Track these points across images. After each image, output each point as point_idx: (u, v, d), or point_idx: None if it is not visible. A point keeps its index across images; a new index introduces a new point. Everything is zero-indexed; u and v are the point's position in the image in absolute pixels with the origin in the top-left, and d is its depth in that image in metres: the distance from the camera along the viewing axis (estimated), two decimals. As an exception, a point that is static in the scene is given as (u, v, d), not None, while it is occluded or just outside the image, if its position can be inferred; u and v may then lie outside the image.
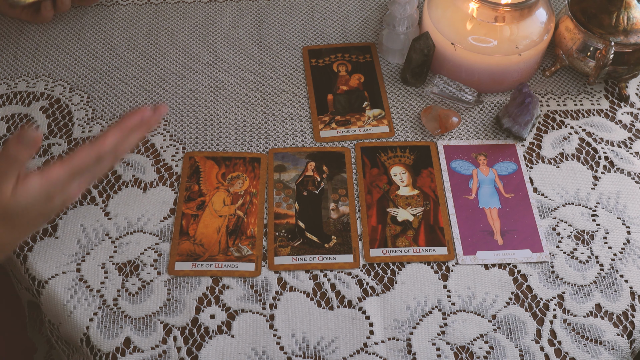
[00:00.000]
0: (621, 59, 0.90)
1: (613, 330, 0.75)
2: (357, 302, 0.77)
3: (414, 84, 0.95)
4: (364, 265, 0.79)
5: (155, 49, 0.99)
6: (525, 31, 0.90)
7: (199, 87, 0.95)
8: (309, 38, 1.01)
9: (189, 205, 0.83)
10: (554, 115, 0.93)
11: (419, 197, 0.85)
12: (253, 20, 1.03)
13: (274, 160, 0.87)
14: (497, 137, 0.91)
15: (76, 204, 0.83)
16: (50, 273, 0.77)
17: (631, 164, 0.88)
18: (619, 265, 0.80)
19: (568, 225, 0.83)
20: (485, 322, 0.76)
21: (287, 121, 0.92)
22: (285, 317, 0.75)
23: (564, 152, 0.89)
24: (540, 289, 0.78)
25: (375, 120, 0.92)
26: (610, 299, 0.78)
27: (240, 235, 0.81)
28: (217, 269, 0.78)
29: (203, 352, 0.73)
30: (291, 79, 0.96)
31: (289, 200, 0.84)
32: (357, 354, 0.73)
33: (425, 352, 0.73)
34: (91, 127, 0.90)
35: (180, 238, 0.80)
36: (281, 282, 0.78)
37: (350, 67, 0.97)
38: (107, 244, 0.80)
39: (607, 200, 0.85)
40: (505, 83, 0.94)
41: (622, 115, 0.94)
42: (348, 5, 1.06)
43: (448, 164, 0.88)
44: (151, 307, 0.76)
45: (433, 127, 0.89)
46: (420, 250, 0.80)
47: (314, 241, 0.81)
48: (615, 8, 0.90)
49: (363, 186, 0.85)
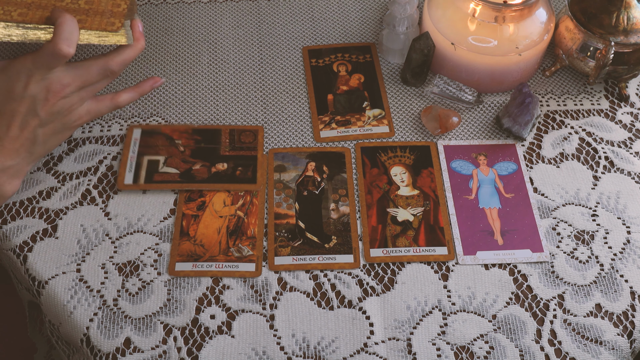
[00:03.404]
0: (621, 59, 0.90)
1: (613, 330, 0.75)
2: (358, 302, 0.77)
3: (414, 84, 0.95)
4: (364, 265, 0.79)
5: (155, 49, 0.99)
6: (525, 31, 0.90)
7: (199, 87, 0.95)
8: (309, 38, 1.01)
9: (189, 205, 0.83)
10: (554, 115, 0.93)
11: (419, 197, 0.85)
12: (253, 20, 1.03)
13: (274, 160, 0.87)
14: (497, 137, 0.91)
15: (76, 204, 0.83)
16: (50, 273, 0.77)
17: (631, 164, 0.88)
18: (619, 265, 0.80)
19: (568, 225, 0.83)
20: (486, 322, 0.76)
21: (287, 121, 0.92)
22: (285, 317, 0.75)
23: (564, 152, 0.89)
24: (541, 289, 0.78)
25: (375, 120, 0.92)
26: (610, 299, 0.78)
27: (241, 236, 0.81)
28: (218, 269, 0.78)
29: (203, 352, 0.73)
30: (291, 79, 0.96)
31: (289, 200, 0.84)
32: (357, 354, 0.73)
33: (426, 352, 0.73)
34: (91, 127, 0.90)
35: (180, 238, 0.80)
36: (281, 282, 0.78)
37: (350, 67, 0.97)
38: (107, 244, 0.80)
39: (607, 200, 0.85)
40: (505, 83, 0.94)
41: (622, 115, 0.94)
42: (348, 5, 1.06)
43: (448, 164, 0.88)
44: (151, 307, 0.76)
45: (433, 127, 0.89)
46: (421, 250, 0.80)
47: (314, 241, 0.81)
48: (615, 8, 0.90)
49: (363, 186, 0.85)
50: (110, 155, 0.87)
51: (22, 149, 0.75)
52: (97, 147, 0.88)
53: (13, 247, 0.80)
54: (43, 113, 0.74)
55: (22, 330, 0.95)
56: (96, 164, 0.86)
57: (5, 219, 0.81)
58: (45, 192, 0.84)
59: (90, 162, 0.86)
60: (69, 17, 0.71)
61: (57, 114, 0.75)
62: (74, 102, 0.76)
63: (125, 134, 0.89)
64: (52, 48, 0.70)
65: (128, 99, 0.81)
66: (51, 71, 0.72)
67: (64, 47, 0.69)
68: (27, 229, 0.81)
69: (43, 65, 0.71)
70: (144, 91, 0.83)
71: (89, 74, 0.75)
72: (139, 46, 0.77)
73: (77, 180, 0.85)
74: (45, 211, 0.82)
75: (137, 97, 0.82)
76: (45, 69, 0.71)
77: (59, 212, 0.82)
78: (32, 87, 0.72)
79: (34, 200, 0.83)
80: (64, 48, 0.69)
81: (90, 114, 0.79)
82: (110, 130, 0.90)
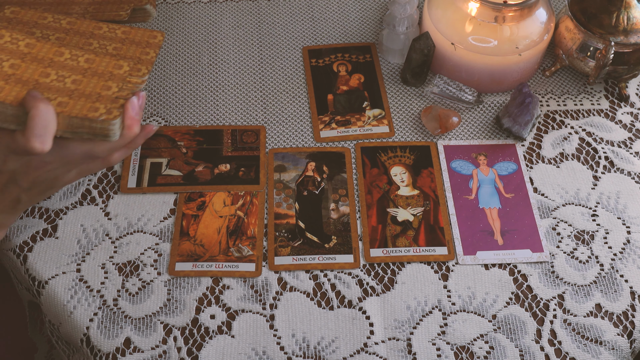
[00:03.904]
0: (621, 59, 0.90)
1: (613, 330, 0.75)
2: (357, 302, 0.77)
3: (414, 84, 0.95)
4: (364, 265, 0.79)
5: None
6: (525, 31, 0.90)
7: (199, 87, 0.95)
8: (309, 38, 1.01)
9: (189, 205, 0.83)
10: (554, 115, 0.93)
11: (419, 197, 0.85)
12: (253, 20, 1.03)
13: (274, 160, 0.87)
14: (497, 137, 0.91)
15: (76, 204, 0.83)
16: (50, 273, 0.77)
17: (631, 164, 0.88)
18: (619, 265, 0.80)
19: (568, 225, 0.83)
20: (486, 322, 0.76)
21: (287, 121, 0.92)
22: (285, 317, 0.75)
23: (564, 152, 0.89)
24: (541, 289, 0.78)
25: (375, 120, 0.92)
26: (610, 299, 0.78)
27: (241, 236, 0.81)
28: (218, 269, 0.78)
29: (203, 352, 0.73)
30: (291, 79, 0.96)
31: (289, 200, 0.84)
32: (357, 354, 0.73)
33: (426, 352, 0.73)
34: (91, 127, 0.90)
35: (180, 238, 0.80)
36: (281, 282, 0.78)
37: (350, 67, 0.97)
38: (107, 244, 0.80)
39: (607, 200, 0.85)
40: (505, 83, 0.94)
41: (622, 115, 0.94)
42: (348, 5, 1.06)
43: (448, 164, 0.88)
44: (151, 307, 0.76)
45: (433, 127, 0.89)
46: (421, 250, 0.80)
47: (314, 241, 0.81)
48: (615, 8, 0.90)
49: (363, 186, 0.85)
50: (110, 155, 0.87)
51: (5, 209, 0.71)
52: (97, 147, 0.88)
53: (13, 247, 0.80)
54: (25, 183, 0.68)
55: (22, 330, 0.95)
56: (96, 164, 0.86)
57: (5, 219, 0.81)
58: (45, 192, 0.84)
59: (90, 162, 0.86)
60: (43, 108, 0.62)
61: (41, 183, 0.69)
62: (59, 174, 0.69)
63: (125, 134, 0.89)
64: (24, 143, 0.62)
65: (120, 158, 0.72)
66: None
67: (36, 145, 0.62)
68: (27, 229, 0.81)
69: (17, 153, 0.64)
70: (136, 146, 0.72)
71: (72, 156, 0.67)
72: (129, 135, 0.67)
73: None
74: (45, 211, 0.82)
75: (130, 153, 0.75)
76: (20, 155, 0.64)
77: (59, 212, 0.82)
78: (10, 164, 0.66)
79: (34, 200, 0.83)
80: (36, 146, 0.62)
81: (81, 175, 0.72)
82: (110, 130, 0.90)
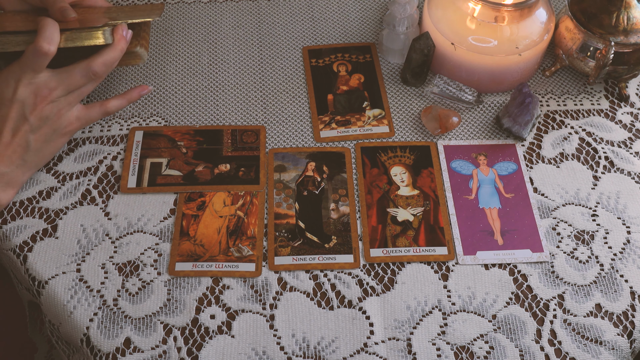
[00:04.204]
0: (621, 59, 0.90)
1: (613, 330, 0.75)
2: (357, 302, 0.77)
3: (414, 84, 0.95)
4: (364, 265, 0.79)
5: (156, 49, 0.99)
6: (525, 31, 0.90)
7: (199, 87, 0.95)
8: (309, 38, 1.01)
9: (189, 205, 0.83)
10: (554, 115, 0.93)
11: (419, 197, 0.85)
12: (253, 20, 1.03)
13: (274, 160, 0.87)
14: (497, 137, 0.91)
15: (76, 204, 0.83)
16: (50, 273, 0.77)
17: (631, 164, 0.88)
18: (619, 265, 0.80)
19: (568, 225, 0.83)
20: (486, 322, 0.76)
21: (287, 121, 0.92)
22: (285, 317, 0.75)
23: (564, 152, 0.90)
24: (541, 289, 0.78)
25: (375, 120, 0.92)
26: (610, 299, 0.78)
27: (241, 236, 0.81)
28: (218, 269, 0.78)
29: (203, 352, 0.73)
30: (291, 79, 0.96)
31: (289, 200, 0.84)
32: (357, 354, 0.73)
33: (426, 352, 0.73)
34: (91, 127, 0.90)
35: (180, 238, 0.80)
36: (281, 282, 0.78)
37: (350, 67, 0.97)
38: (107, 244, 0.80)
39: (607, 200, 0.85)
40: (505, 83, 0.94)
41: (622, 115, 0.94)
42: (348, 5, 1.06)
43: (448, 164, 0.88)
44: (151, 307, 0.76)
45: (433, 127, 0.89)
46: (421, 250, 0.80)
47: (314, 241, 0.81)
48: (615, 8, 0.90)
49: (363, 186, 0.85)
50: (110, 155, 0.87)
51: (14, 155, 0.78)
52: (97, 147, 0.88)
53: (13, 247, 0.80)
54: (33, 118, 0.77)
55: (22, 330, 0.95)
56: (96, 164, 0.86)
57: (5, 219, 0.81)
58: (45, 192, 0.84)
59: (90, 162, 0.87)
60: (50, 20, 0.75)
61: (46, 119, 0.78)
62: (62, 107, 0.79)
63: (125, 134, 0.89)
64: (34, 48, 0.74)
65: (117, 106, 0.85)
66: (37, 75, 0.76)
67: (44, 45, 0.74)
68: (27, 229, 0.81)
69: (29, 68, 0.75)
70: (132, 98, 0.86)
71: (73, 76, 0.78)
72: (119, 47, 0.79)
73: (77, 180, 0.85)
74: (45, 211, 0.82)
75: (126, 104, 0.86)
76: (31, 71, 0.75)
77: (59, 212, 0.82)
78: (20, 91, 0.76)
79: (34, 200, 0.83)
80: (44, 46, 0.74)
81: (80, 121, 0.82)
82: (110, 130, 0.90)
